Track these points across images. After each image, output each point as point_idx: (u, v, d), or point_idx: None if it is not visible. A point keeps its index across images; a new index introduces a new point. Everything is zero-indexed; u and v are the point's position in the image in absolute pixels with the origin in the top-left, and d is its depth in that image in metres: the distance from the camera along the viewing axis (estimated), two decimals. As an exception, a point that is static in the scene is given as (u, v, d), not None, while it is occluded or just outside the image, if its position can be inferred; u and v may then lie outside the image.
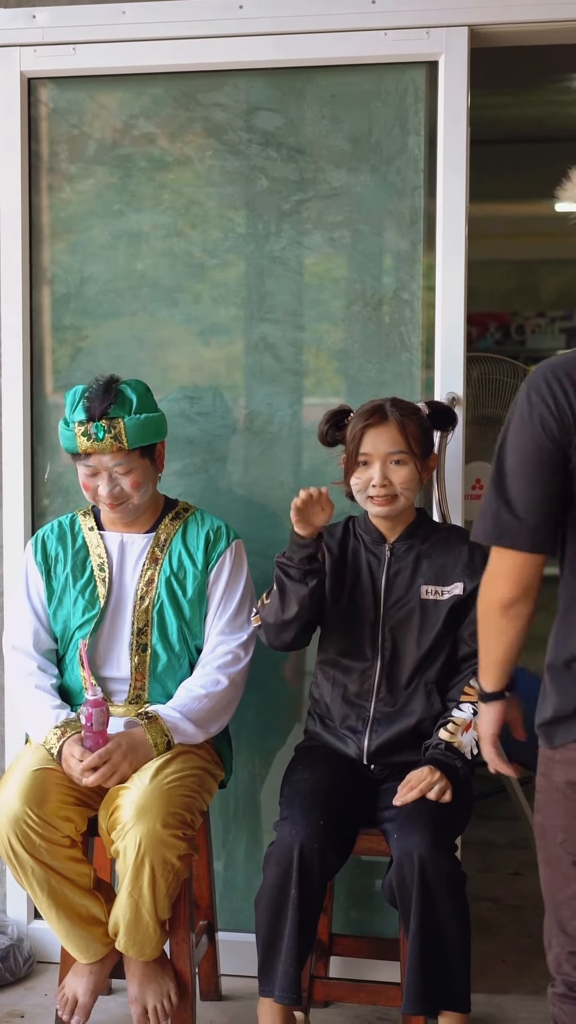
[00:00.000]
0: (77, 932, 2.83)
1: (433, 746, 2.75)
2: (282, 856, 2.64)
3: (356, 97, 3.23)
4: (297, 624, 2.78)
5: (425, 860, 2.56)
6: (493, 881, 4.01)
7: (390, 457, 2.78)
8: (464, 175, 3.15)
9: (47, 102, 3.37)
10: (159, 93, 3.33)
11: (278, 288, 3.29)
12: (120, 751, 2.74)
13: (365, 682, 2.86)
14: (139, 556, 2.98)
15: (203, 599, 2.96)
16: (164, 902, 2.73)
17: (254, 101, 3.28)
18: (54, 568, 3.00)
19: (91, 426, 2.84)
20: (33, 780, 2.74)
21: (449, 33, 3.13)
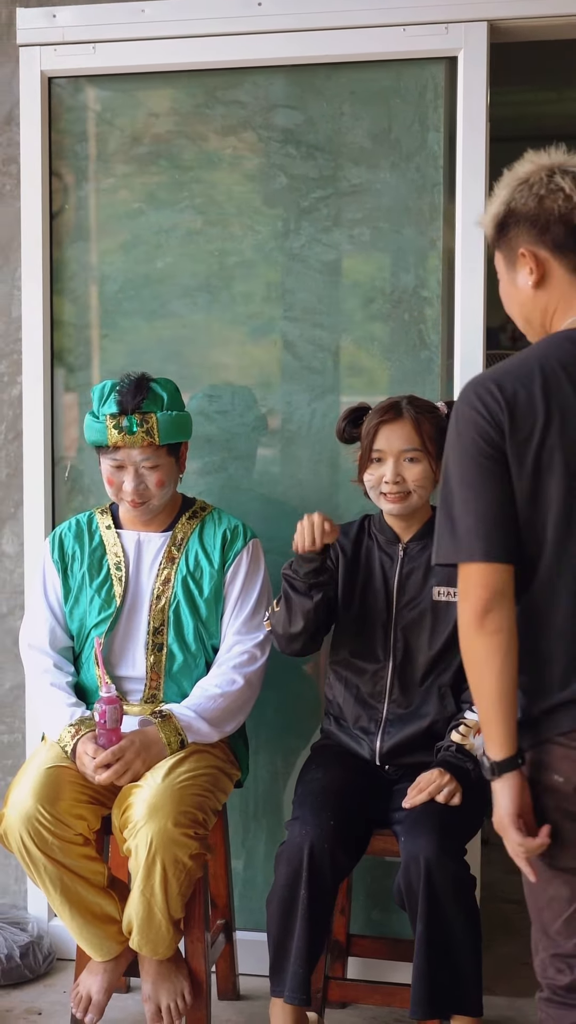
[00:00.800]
0: (91, 930, 2.85)
1: (444, 748, 2.74)
2: (292, 856, 2.64)
3: (375, 94, 3.22)
4: (304, 636, 2.78)
5: (432, 863, 2.55)
6: (518, 883, 3.95)
7: (404, 454, 2.77)
8: (484, 171, 3.13)
9: (68, 99, 3.38)
10: (178, 91, 3.33)
11: (298, 286, 3.29)
12: (133, 748, 2.75)
13: (378, 683, 2.85)
14: (156, 555, 2.98)
15: (219, 599, 2.96)
16: (176, 901, 2.73)
17: (273, 98, 3.28)
18: (71, 566, 3.01)
19: (124, 419, 2.85)
20: (46, 778, 2.76)
21: (468, 28, 3.10)
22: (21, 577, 3.45)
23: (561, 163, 2.07)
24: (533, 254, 2.07)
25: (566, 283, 2.06)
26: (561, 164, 2.07)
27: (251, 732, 3.18)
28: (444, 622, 2.80)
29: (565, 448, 1.96)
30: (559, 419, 1.96)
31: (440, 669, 2.81)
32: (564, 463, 1.96)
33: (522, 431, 1.97)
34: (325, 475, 3.30)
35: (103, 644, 2.90)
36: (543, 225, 2.05)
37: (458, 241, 3.16)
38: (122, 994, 3.20)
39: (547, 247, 2.06)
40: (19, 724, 3.50)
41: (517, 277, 2.10)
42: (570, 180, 2.04)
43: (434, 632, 2.80)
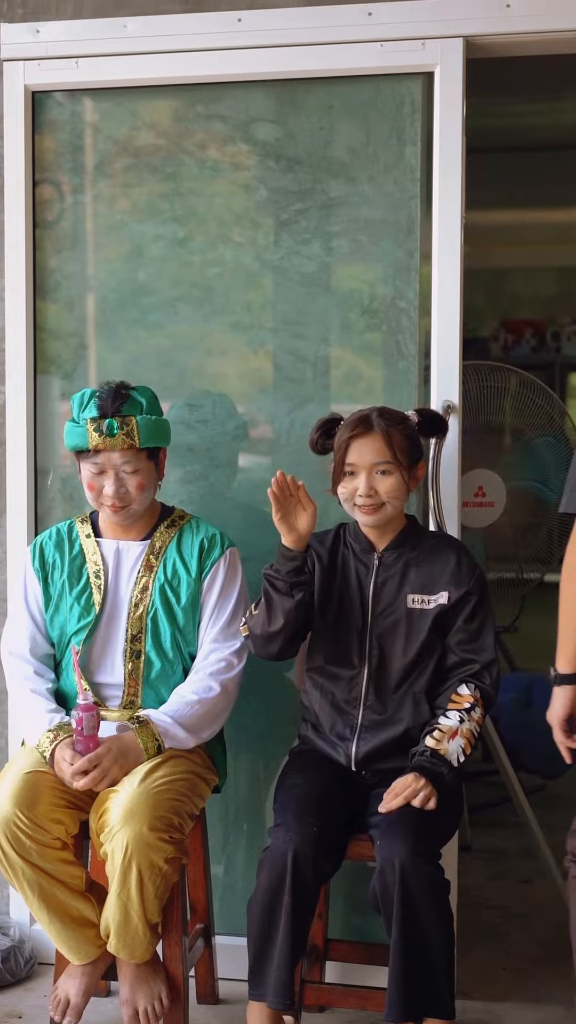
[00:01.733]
0: (69, 933, 2.88)
1: (419, 753, 2.77)
2: (276, 862, 2.67)
3: (353, 108, 3.27)
4: (283, 636, 2.81)
5: (406, 867, 2.58)
6: (501, 889, 4.02)
7: (375, 467, 2.80)
8: (460, 184, 3.18)
9: (52, 113, 3.43)
10: (160, 105, 3.38)
11: (277, 297, 3.33)
12: (110, 755, 2.78)
13: (353, 689, 2.88)
14: (134, 563, 3.02)
15: (197, 607, 3.00)
16: (153, 904, 2.76)
17: (253, 112, 3.33)
18: (51, 574, 3.05)
19: (104, 423, 2.89)
20: (24, 783, 2.79)
21: (444, 44, 3.15)
22: (4, 584, 3.49)
23: None
24: None
25: None
26: None
27: (230, 738, 3.21)
28: (418, 629, 2.83)
29: None
30: None
31: (414, 676, 2.85)
32: None
33: None
34: (306, 484, 3.32)
35: (80, 652, 2.94)
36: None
37: (435, 253, 3.21)
38: (101, 998, 3.22)
39: None
40: (1, 730, 3.53)
41: None
42: None
43: (408, 639, 2.84)
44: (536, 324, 10.04)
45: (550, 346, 9.90)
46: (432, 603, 2.83)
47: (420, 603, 2.84)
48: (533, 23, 3.13)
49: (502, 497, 3.71)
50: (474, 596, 2.83)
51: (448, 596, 2.82)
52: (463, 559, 2.86)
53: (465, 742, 2.76)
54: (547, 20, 3.13)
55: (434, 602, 2.83)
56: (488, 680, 2.82)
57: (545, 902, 3.87)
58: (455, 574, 2.83)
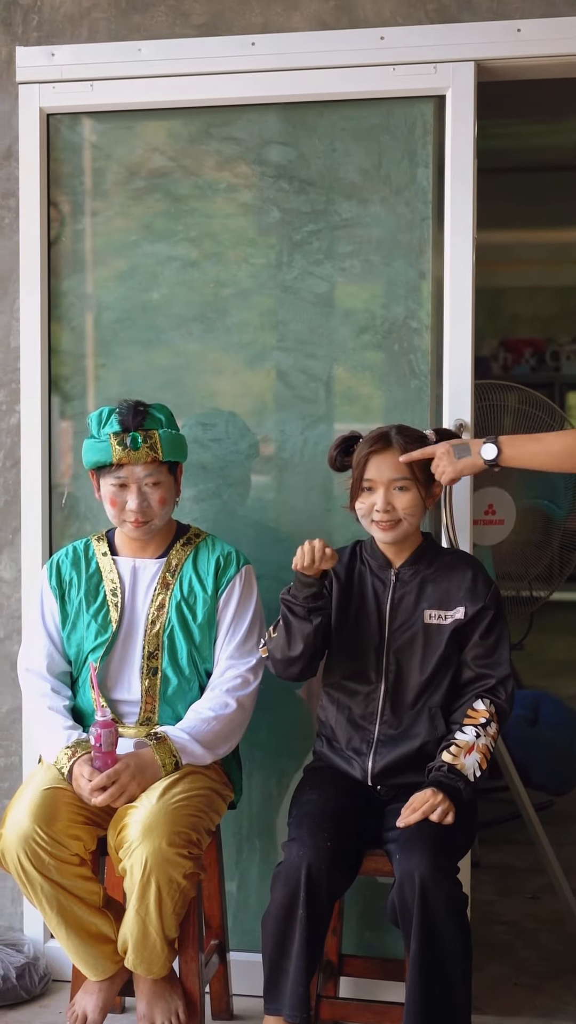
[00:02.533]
0: (86, 949, 2.89)
1: (436, 768, 2.79)
2: (290, 876, 2.68)
3: (366, 131, 3.31)
4: (303, 660, 2.84)
5: (426, 881, 2.60)
6: (511, 905, 4.04)
7: (393, 483, 2.84)
8: (472, 206, 3.22)
9: (67, 135, 3.47)
10: (174, 127, 3.42)
11: (290, 317, 3.37)
12: (128, 771, 2.80)
13: (369, 705, 2.91)
14: (151, 581, 3.05)
15: (213, 624, 3.02)
16: (171, 920, 2.78)
17: (267, 135, 3.37)
18: (68, 592, 3.07)
19: (127, 436, 2.93)
20: (43, 799, 2.81)
21: (456, 68, 3.20)
22: (19, 603, 3.51)
23: None
24: None
25: None
26: None
27: (244, 754, 3.24)
28: (435, 645, 2.86)
29: None
30: None
31: (431, 691, 2.87)
32: None
33: None
34: (318, 502, 3.37)
35: (99, 669, 2.96)
36: None
37: (447, 273, 3.25)
38: (117, 1015, 3.24)
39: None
40: (16, 747, 3.55)
41: None
42: None
43: (425, 655, 2.86)
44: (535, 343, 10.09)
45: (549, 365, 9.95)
46: (449, 618, 2.86)
47: (437, 618, 2.86)
48: (543, 47, 3.18)
49: (512, 515, 3.74)
50: (490, 611, 2.86)
51: (464, 611, 2.85)
52: (479, 575, 2.89)
53: (481, 757, 2.78)
54: (556, 44, 3.18)
55: (450, 617, 2.86)
56: (503, 695, 2.85)
57: (554, 917, 3.89)
58: (471, 590, 2.86)
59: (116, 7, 3.40)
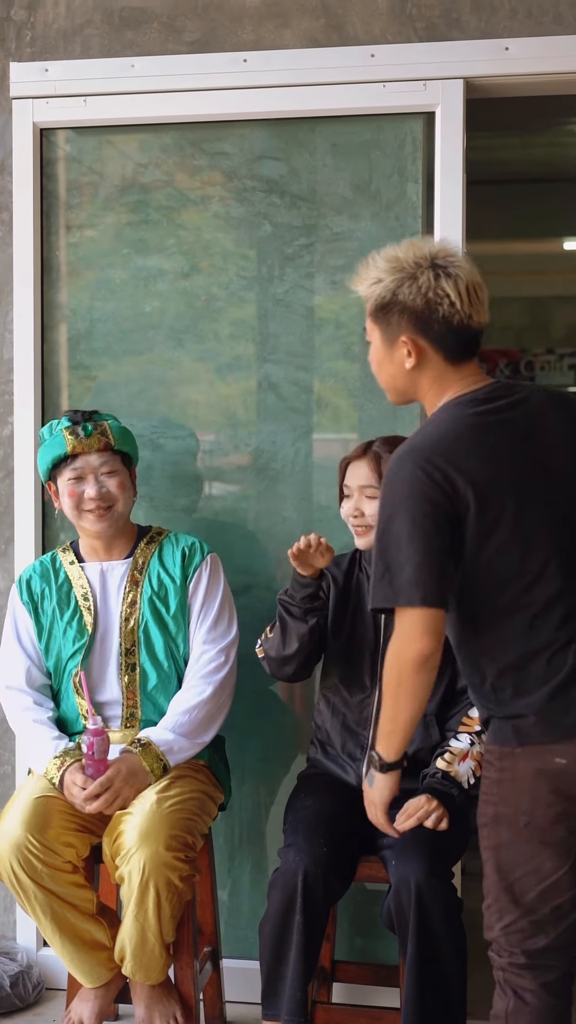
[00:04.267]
0: (81, 956, 2.91)
1: (430, 775, 2.83)
2: (287, 882, 2.72)
3: (356, 146, 3.36)
4: (297, 659, 2.88)
5: (422, 886, 2.64)
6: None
7: (363, 491, 2.89)
8: (461, 220, 3.27)
9: (62, 149, 3.50)
10: (167, 142, 3.46)
11: (282, 329, 3.41)
12: (120, 777, 2.82)
13: (364, 710, 2.94)
14: (120, 581, 3.09)
15: (186, 612, 3.06)
16: (169, 924, 2.80)
17: (259, 150, 3.41)
18: (40, 605, 3.11)
19: (79, 427, 3.01)
20: (35, 807, 2.83)
21: (445, 85, 3.25)
22: (11, 613, 3.53)
23: (442, 259, 2.36)
24: (414, 341, 2.36)
25: (440, 367, 2.37)
26: (443, 261, 2.35)
27: (235, 762, 3.26)
28: None
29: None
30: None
31: None
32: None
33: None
34: (309, 512, 3.41)
35: (80, 664, 2.99)
36: (427, 322, 2.34)
37: (436, 287, 3.29)
38: (111, 1022, 3.25)
39: (427, 338, 2.36)
40: (8, 756, 3.57)
41: (394, 354, 2.40)
42: (452, 285, 2.32)
43: None
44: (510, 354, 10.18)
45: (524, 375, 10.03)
46: None
47: None
48: (530, 65, 3.24)
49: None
50: None
51: None
52: None
53: (475, 764, 2.82)
54: (543, 63, 3.23)
55: None
56: None
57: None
58: None
59: (109, 23, 3.43)
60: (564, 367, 10.16)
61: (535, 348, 10.23)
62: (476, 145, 3.64)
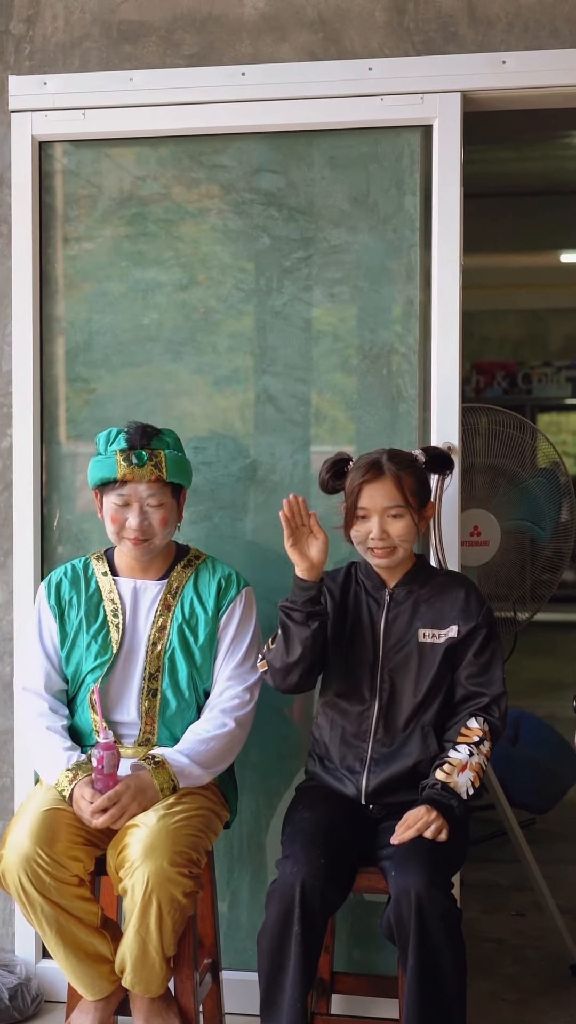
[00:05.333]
0: (84, 969, 2.91)
1: (430, 786, 2.83)
2: (285, 893, 2.72)
3: (354, 159, 3.38)
4: (302, 666, 2.87)
5: (422, 897, 2.64)
6: (496, 922, 4.08)
7: (387, 511, 2.88)
8: (458, 233, 3.29)
9: (60, 162, 3.52)
10: (166, 155, 3.47)
11: (280, 342, 3.42)
12: (129, 793, 2.82)
13: (363, 723, 2.95)
14: (152, 603, 3.07)
15: (214, 644, 3.05)
16: (170, 938, 2.80)
17: (257, 163, 3.43)
18: (67, 612, 3.09)
19: (133, 454, 2.97)
20: (43, 820, 2.83)
21: (443, 99, 3.27)
22: (11, 625, 3.53)
23: None
24: None
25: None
26: None
27: (236, 775, 3.27)
28: (429, 663, 2.90)
29: None
30: None
31: (424, 710, 2.91)
32: None
33: None
34: (308, 523, 3.42)
35: (100, 680, 2.99)
36: None
37: (434, 299, 3.31)
38: (111, 1034, 3.25)
39: None
40: (7, 769, 3.57)
41: None
42: None
43: (420, 674, 2.91)
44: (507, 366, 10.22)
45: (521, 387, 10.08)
46: (442, 637, 2.91)
47: (431, 637, 2.91)
48: (527, 79, 3.26)
49: (496, 536, 3.80)
50: (483, 630, 2.91)
51: (458, 630, 2.90)
52: (472, 594, 2.94)
53: (474, 775, 2.83)
54: (541, 76, 3.26)
55: (444, 636, 2.91)
56: (497, 713, 2.90)
57: (539, 934, 3.93)
58: (464, 609, 2.92)
59: (108, 37, 3.45)
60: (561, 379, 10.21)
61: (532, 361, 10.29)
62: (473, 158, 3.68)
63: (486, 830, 4.62)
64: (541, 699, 6.93)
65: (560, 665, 8.02)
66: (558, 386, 10.29)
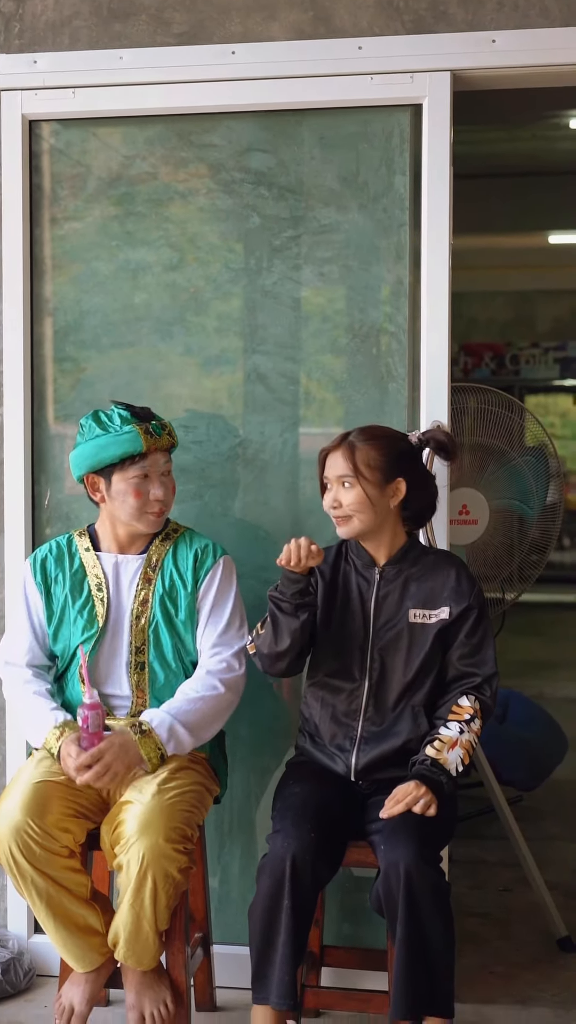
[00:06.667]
0: (74, 941, 2.94)
1: (419, 762, 2.86)
2: (275, 867, 2.75)
3: (344, 138, 3.39)
4: (290, 655, 2.91)
5: (411, 870, 2.67)
6: (483, 897, 4.12)
7: (340, 480, 2.92)
8: (448, 212, 3.30)
9: (49, 141, 3.53)
10: (155, 134, 3.48)
11: (270, 321, 3.44)
12: (112, 751, 2.84)
13: (353, 702, 2.97)
14: (133, 576, 3.10)
15: (194, 616, 3.08)
16: (164, 913, 2.83)
17: (247, 142, 3.44)
18: (53, 588, 3.12)
19: (150, 424, 3.03)
20: (35, 792, 2.86)
21: (432, 78, 3.29)
22: (1, 603, 3.56)
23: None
24: None
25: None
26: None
27: (226, 750, 3.30)
28: (419, 643, 2.93)
29: None
30: None
31: (414, 689, 2.93)
32: None
33: None
34: (296, 502, 3.45)
35: (88, 664, 3.02)
36: None
37: (423, 279, 3.33)
38: (102, 1007, 3.29)
39: None
40: None
41: None
42: None
43: (410, 653, 2.93)
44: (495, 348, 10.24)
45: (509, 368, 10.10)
46: (433, 618, 2.93)
47: (422, 617, 2.93)
48: (517, 58, 3.27)
49: (485, 515, 3.83)
50: (474, 611, 2.94)
51: (449, 611, 2.92)
52: (463, 574, 2.96)
53: (464, 752, 2.86)
54: (530, 55, 3.27)
55: (435, 617, 2.93)
56: (488, 692, 2.92)
57: (526, 909, 3.98)
58: (455, 589, 2.94)
59: (97, 15, 3.46)
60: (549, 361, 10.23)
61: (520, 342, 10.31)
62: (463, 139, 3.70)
63: (474, 807, 4.66)
64: (529, 678, 6.99)
65: (548, 645, 8.09)
66: (546, 367, 10.32)
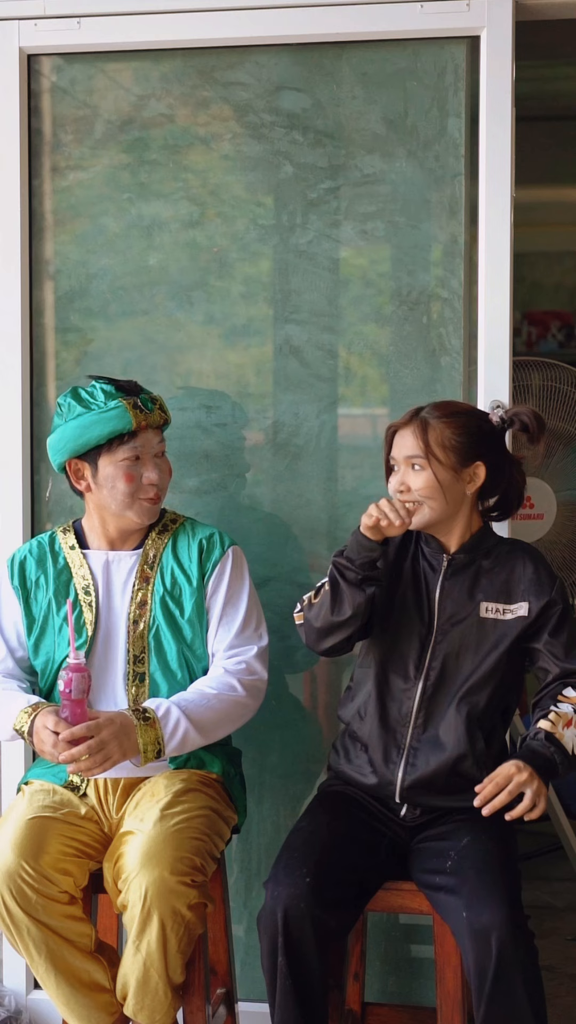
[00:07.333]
0: (78, 999, 2.92)
1: (531, 736, 2.79)
2: (267, 924, 2.72)
3: (390, 75, 3.38)
4: (346, 630, 2.87)
5: (504, 942, 2.60)
6: (548, 947, 4.10)
7: (409, 461, 2.90)
8: (509, 161, 3.29)
9: (50, 79, 3.53)
10: (172, 71, 3.48)
11: (304, 285, 3.44)
12: (111, 728, 2.80)
13: (403, 705, 2.93)
14: (127, 576, 3.08)
15: (203, 616, 3.06)
16: (176, 960, 2.81)
17: (278, 79, 3.44)
18: (34, 594, 3.10)
19: (138, 399, 3.01)
20: (28, 829, 2.84)
21: (492, 5, 3.27)
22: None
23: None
24: None
25: None
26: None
27: (252, 779, 3.30)
28: (490, 642, 2.89)
29: None
30: None
31: (474, 694, 2.88)
32: None
33: None
34: (335, 494, 3.44)
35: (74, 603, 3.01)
36: None
37: (481, 237, 3.32)
38: (111, 1072, 3.30)
39: None
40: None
41: None
42: None
43: (478, 651, 2.89)
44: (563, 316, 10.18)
45: (579, 340, 10.04)
46: (509, 614, 2.90)
47: (495, 612, 2.91)
48: (590, -18, 3.26)
49: (552, 509, 3.81)
50: (558, 605, 2.90)
51: (528, 608, 2.89)
52: (541, 567, 2.93)
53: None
54: (605, -21, 3.26)
55: (512, 613, 2.90)
56: None
57: (597, 962, 3.97)
58: (535, 582, 2.91)
59: None
60: (625, 331, 10.17)
61: (593, 309, 10.25)
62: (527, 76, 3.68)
63: (537, 845, 4.65)
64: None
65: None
66: (623, 339, 10.26)
